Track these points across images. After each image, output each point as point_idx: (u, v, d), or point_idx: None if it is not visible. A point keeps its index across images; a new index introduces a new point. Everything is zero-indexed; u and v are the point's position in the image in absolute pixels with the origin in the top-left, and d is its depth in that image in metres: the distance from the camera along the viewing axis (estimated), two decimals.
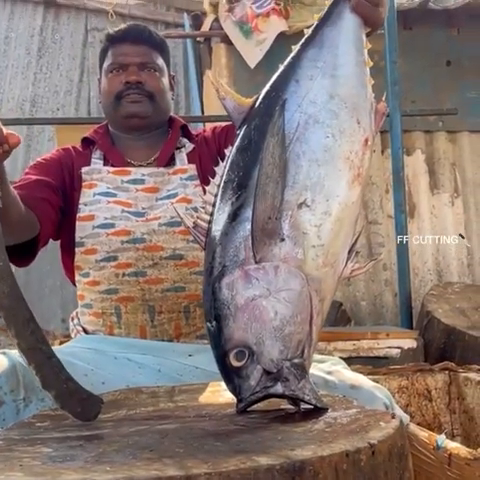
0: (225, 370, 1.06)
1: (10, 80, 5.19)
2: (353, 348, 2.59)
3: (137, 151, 1.70)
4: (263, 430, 0.96)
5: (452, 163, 4.70)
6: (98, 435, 0.99)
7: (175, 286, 1.56)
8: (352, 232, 1.14)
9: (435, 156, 4.68)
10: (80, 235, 1.60)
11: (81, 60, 5.24)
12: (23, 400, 1.34)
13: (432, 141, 4.68)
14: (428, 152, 4.66)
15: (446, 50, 4.64)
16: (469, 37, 4.64)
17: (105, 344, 1.55)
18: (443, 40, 4.63)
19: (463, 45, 4.64)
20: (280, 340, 1.04)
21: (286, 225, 1.07)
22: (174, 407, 1.16)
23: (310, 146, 1.10)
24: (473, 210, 4.68)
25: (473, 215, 4.69)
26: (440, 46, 4.62)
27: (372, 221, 4.56)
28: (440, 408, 2.20)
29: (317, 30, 1.20)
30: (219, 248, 1.09)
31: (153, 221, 1.58)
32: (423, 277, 4.56)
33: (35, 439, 0.97)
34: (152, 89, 1.68)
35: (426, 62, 4.55)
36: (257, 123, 1.14)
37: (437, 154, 4.67)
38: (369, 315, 4.48)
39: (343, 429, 0.94)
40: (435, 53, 4.60)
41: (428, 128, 4.60)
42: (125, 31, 1.71)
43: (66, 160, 1.69)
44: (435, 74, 4.57)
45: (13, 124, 3.80)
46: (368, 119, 1.16)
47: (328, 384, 1.41)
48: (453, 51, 4.64)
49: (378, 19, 1.23)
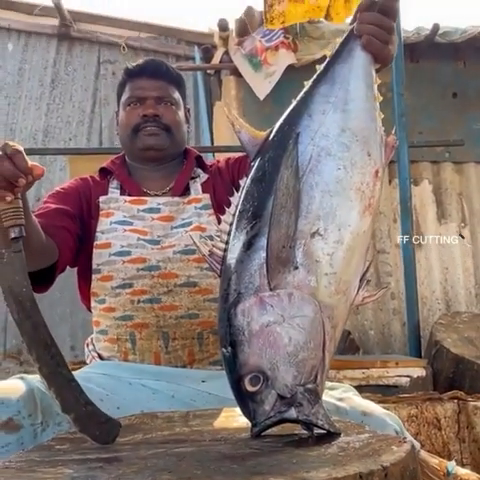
0: (240, 395, 1.09)
1: (23, 111, 5.29)
2: (362, 376, 2.60)
3: (153, 181, 1.75)
4: (278, 453, 0.99)
5: (459, 193, 4.74)
6: (117, 457, 1.02)
7: (189, 313, 1.59)
8: (363, 260, 1.17)
9: (442, 186, 4.72)
10: (97, 262, 1.64)
11: (93, 91, 5.33)
12: (41, 424, 1.36)
13: (439, 171, 4.73)
14: (435, 182, 4.70)
15: (452, 82, 4.71)
16: (475, 70, 4.72)
17: (120, 370, 1.57)
18: (449, 73, 4.71)
19: (469, 78, 4.71)
20: (294, 366, 1.07)
21: (299, 253, 1.11)
22: (189, 431, 1.18)
23: (323, 177, 1.14)
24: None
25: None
26: (446, 79, 4.69)
27: (380, 250, 4.59)
28: (449, 437, 2.20)
29: (329, 66, 1.25)
30: (234, 275, 1.12)
31: (168, 249, 1.62)
32: (431, 306, 4.58)
33: (56, 461, 1.00)
34: (168, 122, 1.73)
35: (433, 94, 4.62)
36: (271, 155, 1.18)
37: (444, 184, 4.72)
38: (377, 344, 4.48)
39: (356, 453, 0.96)
40: (442, 85, 4.67)
41: (435, 159, 4.66)
42: (143, 66, 1.77)
43: (84, 189, 1.73)
44: (442, 106, 4.64)
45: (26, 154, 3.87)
46: (378, 151, 1.20)
47: (339, 411, 1.43)
48: (459, 83, 4.72)
49: (388, 56, 1.27)
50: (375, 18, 1.24)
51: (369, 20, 1.24)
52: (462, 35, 4.55)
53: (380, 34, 1.24)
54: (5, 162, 1.16)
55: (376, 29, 1.24)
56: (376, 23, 1.24)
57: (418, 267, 4.32)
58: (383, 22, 1.24)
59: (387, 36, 1.25)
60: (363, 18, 1.25)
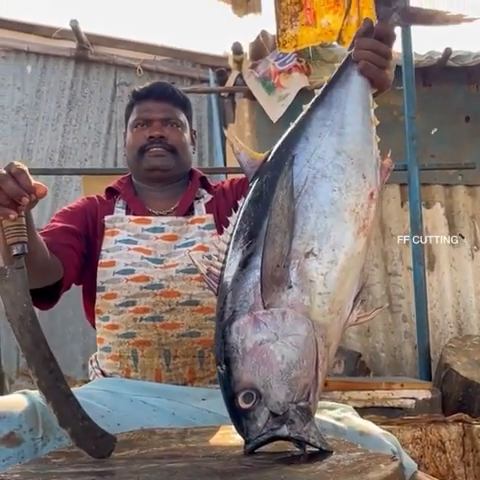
0: (233, 412, 1.10)
1: (41, 131, 5.37)
2: (367, 398, 2.60)
3: (158, 201, 1.78)
4: (268, 470, 1.00)
5: (471, 216, 4.74)
6: (110, 471, 1.04)
7: (190, 331, 1.61)
8: (357, 281, 1.19)
9: (454, 209, 4.72)
10: (101, 280, 1.67)
11: (109, 113, 5.41)
12: (41, 439, 1.38)
13: (451, 194, 4.73)
14: (447, 205, 4.70)
15: (465, 106, 4.73)
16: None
17: (121, 387, 1.59)
18: (462, 96, 4.72)
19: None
20: (286, 383, 1.08)
21: (294, 273, 1.13)
22: (185, 447, 1.19)
23: (318, 199, 1.17)
24: None
25: None
26: (459, 102, 4.71)
27: (392, 272, 4.59)
28: (454, 460, 2.19)
29: (326, 91, 1.28)
30: (230, 294, 1.14)
31: (171, 268, 1.65)
32: (443, 329, 4.55)
33: (50, 473, 1.02)
34: (174, 143, 1.77)
35: (445, 118, 4.64)
36: (268, 176, 1.21)
37: (456, 207, 4.72)
38: (388, 367, 4.46)
39: (345, 470, 0.97)
40: (454, 109, 4.69)
41: (447, 182, 4.66)
42: (150, 88, 1.82)
43: (90, 208, 1.77)
44: (454, 130, 4.65)
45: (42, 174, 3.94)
46: (374, 174, 1.23)
47: (338, 430, 1.44)
48: (472, 107, 4.73)
49: (385, 81, 1.30)
50: (372, 44, 1.27)
51: (366, 46, 1.27)
52: (475, 59, 4.57)
53: (377, 59, 1.27)
54: (9, 181, 1.20)
55: (373, 54, 1.27)
56: (373, 49, 1.27)
57: (430, 290, 4.32)
58: (380, 48, 1.27)
59: (384, 61, 1.28)
60: (360, 44, 1.28)
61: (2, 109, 5.39)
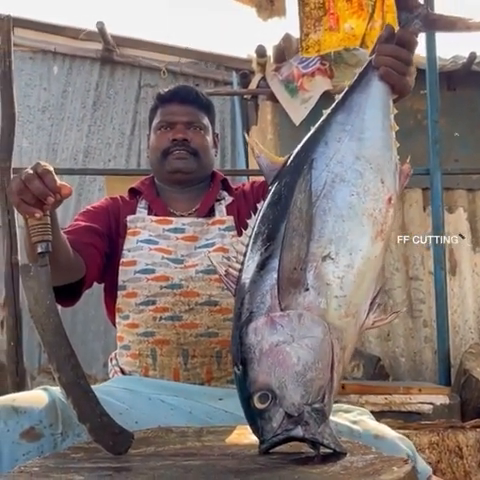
0: (249, 412, 1.12)
1: (66, 132, 5.44)
2: (385, 402, 2.60)
3: (180, 202, 1.81)
4: (282, 470, 1.01)
5: None
6: (127, 467, 1.06)
7: (209, 331, 1.63)
8: (374, 285, 1.20)
9: (477, 214, 4.69)
10: (122, 279, 1.69)
11: (133, 114, 5.46)
12: (61, 434, 1.40)
13: (475, 199, 4.70)
14: (470, 210, 4.68)
15: None
16: None
17: (140, 385, 1.61)
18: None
19: None
20: (302, 385, 1.09)
21: (311, 276, 1.14)
22: (201, 446, 1.21)
23: (336, 203, 1.18)
24: None
25: None
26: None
27: (413, 277, 4.57)
28: (471, 466, 2.18)
29: (347, 96, 1.29)
30: (247, 295, 1.16)
31: (191, 268, 1.67)
32: (464, 335, 4.53)
33: (69, 468, 1.04)
34: (197, 146, 1.79)
35: (469, 122, 4.62)
36: (287, 180, 1.22)
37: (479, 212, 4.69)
38: (408, 372, 4.45)
39: (357, 472, 0.98)
40: (478, 113, 4.66)
41: (471, 186, 4.64)
42: (174, 92, 1.84)
43: (113, 208, 1.80)
44: (478, 134, 4.62)
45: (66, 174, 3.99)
46: (392, 179, 1.23)
47: (353, 433, 1.44)
48: None
49: (405, 87, 1.31)
50: (393, 50, 1.28)
51: (387, 52, 1.28)
52: None
53: (397, 66, 1.28)
54: (36, 181, 1.23)
55: (394, 61, 1.28)
56: (394, 55, 1.28)
57: (451, 295, 4.29)
58: (401, 54, 1.28)
59: (404, 67, 1.28)
60: (381, 50, 1.29)
61: (28, 109, 5.46)
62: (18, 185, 1.23)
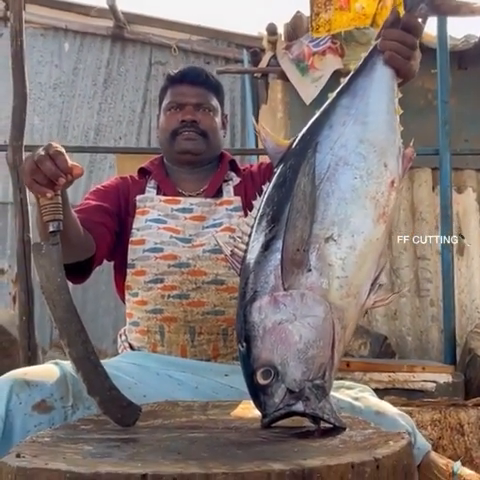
0: (252, 387, 1.16)
1: (77, 109, 5.46)
2: (389, 380, 2.64)
3: (188, 182, 1.84)
4: (282, 443, 1.05)
5: None
6: (134, 438, 1.10)
7: (215, 310, 1.67)
8: (375, 266, 1.23)
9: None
10: (132, 257, 1.73)
11: (144, 92, 5.47)
12: (71, 407, 1.45)
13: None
14: (479, 190, 4.67)
15: None
16: None
17: (148, 360, 1.66)
18: None
19: None
20: (303, 362, 1.13)
21: (313, 257, 1.17)
22: (206, 419, 1.26)
23: (339, 185, 1.21)
24: None
25: None
26: None
27: (421, 256, 4.59)
28: (472, 443, 2.23)
29: (352, 80, 1.32)
30: (252, 275, 1.19)
31: (198, 247, 1.71)
32: (470, 315, 4.55)
33: (78, 438, 1.09)
34: (206, 128, 1.82)
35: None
36: (292, 163, 1.25)
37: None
38: (414, 350, 4.48)
39: (355, 446, 1.02)
40: None
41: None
42: (184, 72, 1.86)
43: (123, 187, 1.83)
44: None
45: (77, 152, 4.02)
46: (395, 163, 1.26)
47: (354, 409, 1.49)
48: None
49: (410, 71, 1.33)
50: (398, 35, 1.30)
51: (392, 36, 1.30)
52: None
53: (403, 50, 1.30)
54: (47, 162, 1.26)
55: (399, 45, 1.30)
56: (399, 39, 1.30)
57: (459, 275, 4.31)
58: (406, 39, 1.30)
59: (409, 52, 1.30)
60: (387, 34, 1.31)
61: (40, 86, 5.48)
62: (30, 166, 1.26)
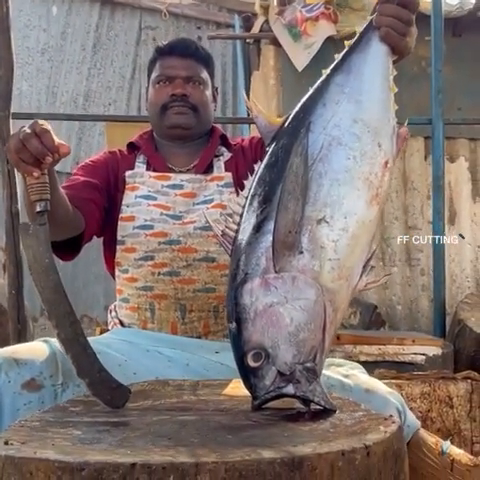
0: (243, 369, 1.16)
1: (65, 74, 5.37)
2: (379, 353, 2.66)
3: (178, 158, 1.81)
4: (273, 427, 1.05)
5: None
6: (124, 422, 1.10)
7: (206, 287, 1.66)
8: (368, 248, 1.22)
9: (478, 164, 4.68)
10: (121, 234, 1.71)
11: (134, 57, 5.38)
12: (61, 385, 1.45)
13: (476, 149, 4.67)
14: (472, 160, 4.66)
15: None
16: None
17: (139, 337, 1.65)
18: None
19: None
20: (294, 345, 1.13)
21: (305, 239, 1.16)
22: (196, 400, 1.25)
23: (332, 166, 1.19)
24: None
25: None
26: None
27: (412, 226, 4.59)
28: (461, 415, 2.25)
29: (346, 56, 1.28)
30: (243, 256, 1.18)
31: (189, 224, 1.69)
32: (461, 284, 4.58)
33: (67, 422, 1.08)
34: (196, 102, 1.78)
35: (474, 70, 4.55)
36: (284, 142, 1.23)
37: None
38: (404, 319, 4.51)
39: (345, 430, 1.02)
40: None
41: (473, 136, 4.60)
42: (173, 45, 1.82)
43: (112, 163, 1.80)
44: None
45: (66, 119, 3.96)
46: (389, 143, 1.24)
47: (344, 387, 1.49)
48: None
49: (405, 48, 1.29)
50: (394, 10, 1.26)
51: (388, 12, 1.26)
52: None
53: (399, 26, 1.26)
54: (33, 140, 1.23)
55: (395, 21, 1.26)
56: (395, 15, 1.26)
57: (449, 244, 4.32)
58: (402, 14, 1.26)
59: (405, 28, 1.27)
60: (382, 10, 1.27)
61: (27, 50, 5.37)
62: (16, 144, 1.23)
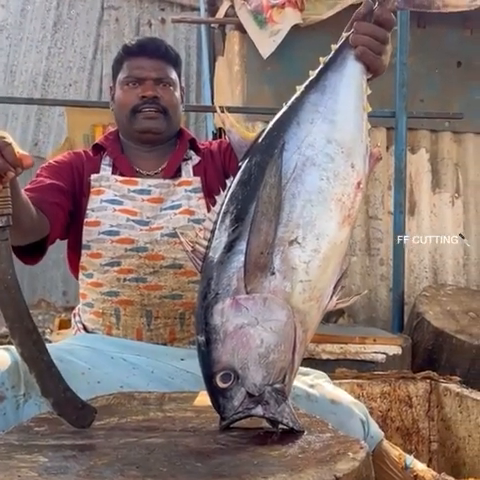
0: (211, 389, 1.15)
1: (25, 53, 5.23)
2: (340, 351, 2.69)
3: (145, 161, 1.77)
4: (242, 452, 1.05)
5: (455, 163, 4.74)
6: (90, 445, 1.08)
7: (173, 294, 1.64)
8: (339, 269, 1.22)
9: (439, 156, 4.72)
10: (87, 239, 1.68)
11: (95, 38, 5.27)
12: (23, 396, 1.43)
13: (437, 141, 4.71)
14: (432, 151, 4.69)
15: (458, 51, 4.65)
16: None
17: (103, 343, 1.63)
18: (455, 41, 4.63)
19: (475, 47, 4.64)
20: (264, 366, 1.12)
21: (277, 260, 1.15)
22: (163, 417, 1.24)
23: (305, 187, 1.18)
24: (473, 212, 4.73)
25: (472, 216, 4.74)
26: (452, 47, 4.62)
27: (372, 216, 4.62)
28: (419, 415, 2.29)
29: (321, 74, 1.26)
30: (214, 275, 1.16)
31: (156, 231, 1.66)
32: (419, 274, 4.64)
33: (33, 446, 1.06)
34: (166, 104, 1.74)
35: (437, 62, 4.56)
36: (258, 160, 1.21)
37: (441, 154, 4.71)
38: (363, 308, 4.56)
39: (314, 456, 1.02)
40: (447, 53, 4.61)
41: (434, 128, 4.64)
42: (142, 44, 1.77)
43: (77, 164, 1.75)
44: (445, 74, 4.59)
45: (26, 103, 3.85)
46: (362, 163, 1.23)
47: (310, 398, 1.50)
48: (465, 52, 4.65)
49: (380, 67, 1.27)
50: (371, 29, 1.25)
51: (365, 31, 1.25)
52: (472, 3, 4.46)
53: (375, 45, 1.24)
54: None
55: (371, 40, 1.24)
56: (371, 34, 1.24)
57: (409, 235, 4.37)
58: (378, 33, 1.25)
59: (381, 47, 1.25)
60: (359, 28, 1.25)
61: None
62: None
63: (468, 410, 2.13)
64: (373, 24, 1.25)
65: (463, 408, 2.15)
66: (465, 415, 2.14)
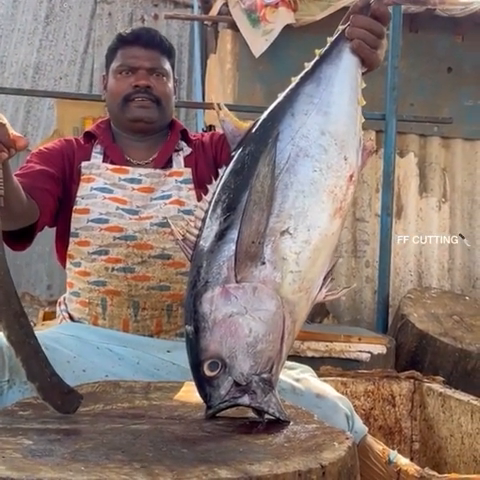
0: (198, 378, 1.14)
1: (15, 44, 5.20)
2: (325, 349, 2.70)
3: (136, 150, 1.77)
4: (227, 439, 1.04)
5: (443, 168, 4.77)
6: (76, 430, 1.07)
7: (160, 285, 1.64)
8: (329, 261, 1.22)
9: (427, 160, 4.75)
10: (75, 226, 1.67)
11: (87, 31, 5.24)
12: (7, 382, 1.41)
13: (426, 145, 4.74)
14: (421, 156, 4.72)
15: (449, 56, 4.68)
16: (472, 45, 4.68)
17: (89, 333, 1.62)
18: (447, 46, 4.67)
19: (466, 53, 4.68)
20: (252, 356, 1.12)
21: (268, 250, 1.15)
22: (148, 405, 1.23)
23: (298, 178, 1.18)
24: (459, 216, 4.77)
25: (458, 221, 4.77)
26: (443, 52, 4.66)
27: (359, 218, 4.64)
28: (402, 414, 2.30)
29: (316, 66, 1.26)
30: (204, 264, 1.16)
31: (145, 220, 1.65)
32: (403, 277, 4.66)
33: (17, 429, 1.05)
34: (159, 94, 1.74)
35: (428, 66, 4.60)
36: (251, 149, 1.21)
37: (429, 158, 4.74)
38: (348, 309, 4.58)
39: (300, 445, 1.02)
40: (438, 58, 4.65)
41: (423, 132, 4.67)
42: (137, 34, 1.76)
43: (68, 151, 1.75)
44: (436, 79, 4.62)
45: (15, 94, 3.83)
46: (355, 156, 1.23)
47: (295, 391, 1.50)
48: (455, 58, 4.69)
49: (375, 61, 1.28)
50: (367, 22, 1.25)
51: (361, 24, 1.25)
52: (463, 10, 4.50)
53: (370, 39, 1.25)
54: None
55: (367, 34, 1.25)
56: (367, 28, 1.25)
57: (395, 238, 4.39)
58: (375, 27, 1.25)
59: (377, 41, 1.26)
60: (355, 21, 1.26)
61: None
62: None
63: (451, 410, 2.14)
64: (370, 18, 1.25)
65: (446, 408, 2.16)
66: (448, 415, 2.15)
